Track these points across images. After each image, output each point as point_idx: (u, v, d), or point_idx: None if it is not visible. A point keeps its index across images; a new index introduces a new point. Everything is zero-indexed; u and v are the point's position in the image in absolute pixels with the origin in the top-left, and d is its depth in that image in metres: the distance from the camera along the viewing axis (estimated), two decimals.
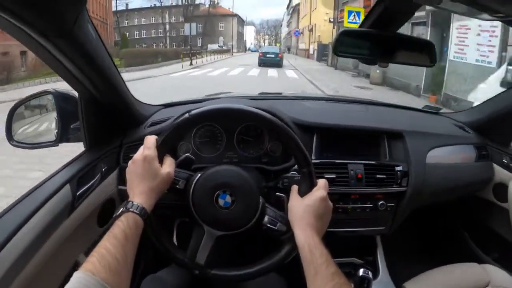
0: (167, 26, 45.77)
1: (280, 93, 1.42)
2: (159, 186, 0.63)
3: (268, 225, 0.69)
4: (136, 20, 44.59)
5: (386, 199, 0.97)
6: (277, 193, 0.75)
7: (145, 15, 45.13)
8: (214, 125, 0.92)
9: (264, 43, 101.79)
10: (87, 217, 0.82)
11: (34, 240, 0.64)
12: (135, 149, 0.94)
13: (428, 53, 0.77)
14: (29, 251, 0.63)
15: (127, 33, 39.50)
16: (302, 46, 33.10)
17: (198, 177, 0.70)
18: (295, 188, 0.70)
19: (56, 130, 0.90)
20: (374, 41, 0.72)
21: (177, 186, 0.69)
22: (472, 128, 1.13)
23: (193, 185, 0.69)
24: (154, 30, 44.96)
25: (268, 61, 18.17)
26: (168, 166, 0.65)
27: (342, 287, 0.54)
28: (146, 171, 0.62)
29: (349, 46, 0.71)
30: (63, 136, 0.86)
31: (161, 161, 0.65)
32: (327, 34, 20.34)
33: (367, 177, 0.95)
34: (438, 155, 1.02)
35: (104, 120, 0.89)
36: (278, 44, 71.56)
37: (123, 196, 0.95)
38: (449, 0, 0.58)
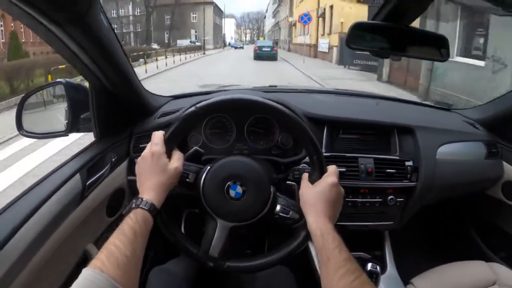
0: (131, 19, 38.59)
1: (291, 86, 1.41)
2: (169, 181, 0.63)
3: (281, 213, 0.69)
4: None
5: (395, 194, 0.97)
6: (287, 182, 0.75)
7: (105, 8, 36.59)
8: (225, 117, 0.92)
9: (246, 37, 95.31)
10: (96, 207, 0.82)
11: (44, 229, 0.65)
12: (145, 139, 0.96)
13: (441, 47, 0.76)
14: (39, 240, 0.63)
15: None
16: (301, 39, 22.08)
17: (208, 169, 0.70)
18: (305, 175, 0.70)
19: (66, 121, 0.91)
20: (387, 35, 0.72)
21: (187, 180, 0.69)
22: (483, 125, 1.12)
23: (203, 178, 0.69)
24: (116, 26, 35.56)
25: (264, 55, 18.51)
26: (177, 160, 0.65)
27: (355, 273, 0.53)
28: (154, 166, 0.62)
29: (362, 39, 0.70)
30: (74, 126, 0.87)
31: (169, 156, 0.65)
32: (356, 18, 5.58)
33: (377, 171, 0.94)
34: (448, 151, 1.01)
35: (114, 110, 0.89)
36: (261, 38, 62.11)
37: (133, 187, 0.95)
38: None
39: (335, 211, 0.65)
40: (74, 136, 1.01)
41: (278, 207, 0.69)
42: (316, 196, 0.65)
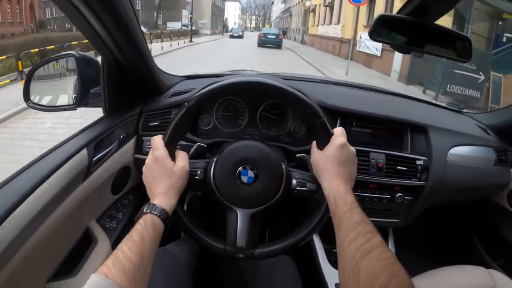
0: None
1: (305, 75, 1.40)
2: (177, 182, 0.62)
3: (298, 188, 0.68)
4: None
5: (404, 192, 0.96)
6: (297, 155, 0.73)
7: None
8: (238, 100, 0.90)
9: (250, 24, 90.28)
10: (101, 183, 0.81)
11: (48, 202, 0.64)
12: (154, 118, 0.95)
13: (463, 48, 0.75)
14: (42, 214, 0.63)
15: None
16: (324, 30, 17.05)
17: (215, 160, 0.69)
18: (314, 143, 0.68)
19: (75, 95, 0.89)
20: (411, 30, 0.70)
21: (196, 177, 0.68)
22: (494, 131, 1.12)
23: (212, 171, 0.68)
24: None
25: (269, 41, 19.00)
26: (181, 160, 0.64)
27: (366, 236, 0.51)
28: (160, 171, 0.62)
29: (385, 31, 0.69)
30: (82, 100, 0.85)
31: (173, 158, 0.64)
32: None
33: (387, 167, 0.94)
34: (459, 154, 1.01)
35: (126, 86, 0.88)
36: (267, 26, 58.31)
37: (139, 165, 0.94)
38: None
39: (348, 172, 0.64)
40: None
41: (294, 182, 0.68)
42: (326, 160, 0.64)
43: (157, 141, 0.64)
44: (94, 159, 0.77)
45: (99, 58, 0.86)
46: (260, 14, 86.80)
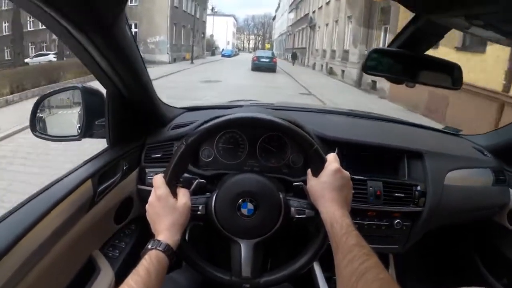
0: None
1: (302, 105, 1.42)
2: (180, 219, 0.64)
3: (297, 216, 0.69)
4: None
5: (402, 218, 0.97)
6: (294, 183, 0.75)
7: None
8: (238, 132, 0.93)
9: (248, 44, 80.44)
10: (105, 213, 0.83)
11: (53, 232, 0.65)
12: (156, 150, 0.97)
13: (455, 76, 0.77)
14: (47, 244, 0.64)
15: None
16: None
17: (215, 196, 0.71)
18: (309, 171, 0.70)
19: (79, 125, 0.92)
20: (403, 61, 0.73)
21: (198, 213, 0.70)
22: (491, 152, 1.13)
23: (213, 205, 0.70)
24: None
25: (263, 65, 17.57)
26: (183, 197, 0.66)
27: (361, 258, 0.52)
28: (163, 209, 0.63)
29: (379, 64, 0.72)
30: (87, 131, 0.88)
31: (175, 195, 0.66)
32: None
33: (385, 194, 0.95)
34: (456, 177, 1.02)
35: (129, 118, 0.91)
36: (267, 46, 54.05)
37: (141, 196, 0.96)
38: (477, 26, 0.59)
39: (344, 196, 0.65)
40: None
41: (292, 210, 0.70)
42: (322, 186, 0.65)
43: (158, 180, 0.66)
44: (98, 190, 0.79)
45: (104, 90, 0.89)
46: (259, 34, 79.64)
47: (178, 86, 9.90)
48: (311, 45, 23.21)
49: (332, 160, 0.68)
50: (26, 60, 14.15)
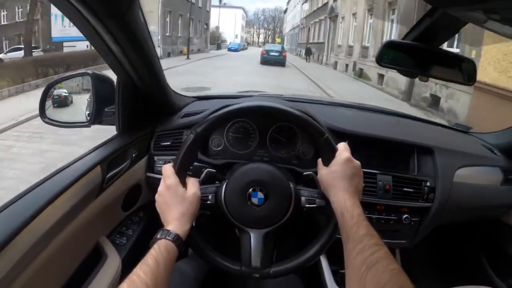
0: None
1: (314, 97, 1.42)
2: (190, 208, 0.64)
3: (307, 205, 0.69)
4: None
5: (411, 213, 0.97)
6: (304, 173, 0.74)
7: None
8: (248, 122, 0.92)
9: (258, 38, 75.81)
10: (113, 200, 0.83)
11: (61, 218, 0.65)
12: (166, 138, 0.97)
13: (468, 71, 0.76)
14: (55, 229, 0.64)
15: None
16: None
17: (225, 185, 0.70)
18: (319, 160, 0.70)
19: (88, 112, 0.92)
20: (417, 55, 0.72)
21: (208, 202, 0.69)
22: (501, 151, 1.12)
23: (223, 194, 0.69)
24: None
25: (272, 59, 17.28)
26: (193, 186, 0.66)
27: (372, 248, 0.52)
28: (172, 198, 0.63)
29: (393, 57, 0.71)
30: (97, 118, 0.88)
31: (184, 185, 0.66)
32: None
33: (394, 189, 0.94)
34: (466, 175, 1.01)
35: (139, 106, 0.91)
36: (278, 40, 50.91)
37: (150, 183, 0.96)
38: (494, 21, 0.58)
39: (355, 185, 0.65)
40: None
41: (303, 199, 0.69)
42: (333, 175, 0.65)
43: (168, 169, 0.66)
44: (107, 176, 0.79)
45: (114, 77, 0.89)
46: (269, 28, 74.98)
47: None
48: (332, 40, 19.36)
49: (343, 149, 0.68)
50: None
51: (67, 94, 0.96)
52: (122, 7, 0.60)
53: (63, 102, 0.96)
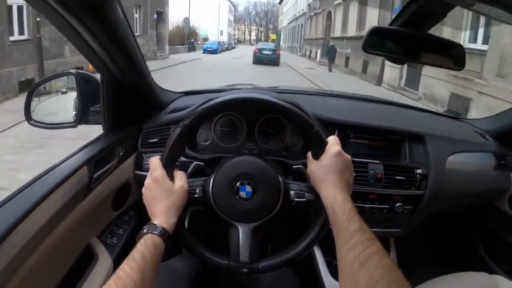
0: None
1: (302, 88, 1.41)
2: (176, 202, 0.63)
3: (296, 199, 0.68)
4: None
5: (403, 201, 0.97)
6: (294, 166, 0.73)
7: None
8: (235, 115, 0.91)
9: (250, 35, 70.02)
10: (102, 200, 0.82)
11: (49, 220, 0.64)
12: (153, 134, 0.95)
13: (457, 56, 0.75)
14: (43, 232, 0.63)
15: None
16: None
17: (212, 179, 0.69)
18: (309, 154, 0.69)
19: (75, 112, 0.90)
20: (404, 41, 0.71)
21: (196, 196, 0.69)
22: (493, 136, 1.12)
23: (210, 188, 0.68)
24: None
25: (265, 58, 16.53)
26: (180, 179, 0.65)
27: (364, 244, 0.51)
28: (159, 191, 0.62)
29: (379, 44, 0.70)
30: (83, 118, 0.87)
31: (171, 178, 0.65)
32: None
33: (386, 177, 0.94)
34: (458, 161, 1.01)
35: (124, 104, 0.89)
36: (272, 37, 45.38)
37: (139, 181, 0.95)
38: (483, 3, 0.57)
39: (345, 180, 0.64)
40: None
41: (292, 193, 0.68)
42: (323, 169, 0.64)
43: (155, 162, 0.65)
44: (94, 176, 0.78)
45: (98, 76, 0.88)
46: (261, 24, 68.91)
47: None
48: (329, 35, 13.25)
49: (333, 142, 0.67)
50: None
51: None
52: (98, 1, 0.58)
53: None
